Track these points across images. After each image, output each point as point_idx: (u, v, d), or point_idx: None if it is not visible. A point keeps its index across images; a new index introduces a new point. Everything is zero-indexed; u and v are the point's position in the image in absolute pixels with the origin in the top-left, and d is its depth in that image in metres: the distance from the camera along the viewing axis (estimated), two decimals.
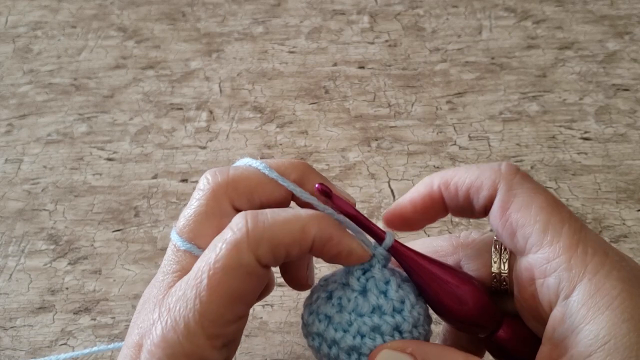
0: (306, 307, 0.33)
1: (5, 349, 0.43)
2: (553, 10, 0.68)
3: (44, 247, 0.49)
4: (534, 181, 0.31)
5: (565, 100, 0.58)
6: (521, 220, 0.30)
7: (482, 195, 0.31)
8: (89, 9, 0.71)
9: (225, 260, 0.28)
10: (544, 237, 0.29)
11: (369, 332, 0.30)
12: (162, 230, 0.49)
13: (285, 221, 0.29)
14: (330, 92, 0.60)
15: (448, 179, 0.32)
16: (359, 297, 0.31)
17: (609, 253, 0.29)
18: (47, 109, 0.60)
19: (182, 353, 0.28)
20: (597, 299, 0.27)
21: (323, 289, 0.32)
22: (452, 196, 0.32)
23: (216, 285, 0.28)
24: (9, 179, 0.54)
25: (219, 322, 0.28)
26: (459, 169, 0.33)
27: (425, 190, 0.33)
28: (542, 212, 0.29)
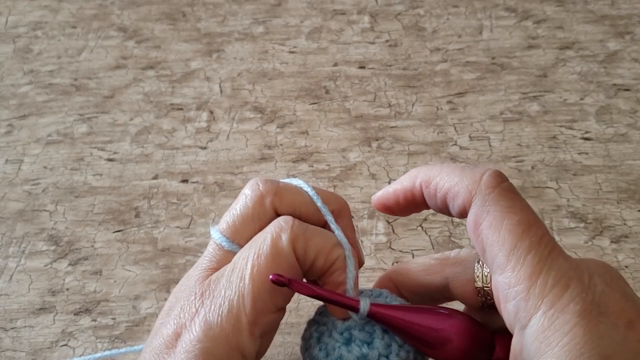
0: (302, 340, 0.33)
1: (5, 350, 0.43)
2: (554, 10, 0.68)
3: (45, 248, 0.49)
4: (513, 197, 0.30)
5: (566, 100, 0.58)
6: (490, 238, 0.29)
7: (456, 203, 0.31)
8: (89, 9, 0.71)
9: (270, 249, 0.30)
10: (507, 262, 0.28)
11: None
12: (162, 230, 0.49)
13: (323, 233, 0.31)
14: (331, 92, 0.60)
15: (430, 178, 0.32)
16: (342, 347, 0.31)
17: (572, 284, 0.27)
18: (47, 109, 0.60)
19: (222, 335, 0.29)
20: (548, 333, 0.26)
21: (315, 328, 0.33)
22: (430, 196, 0.32)
23: (262, 271, 0.29)
24: (9, 180, 0.54)
25: (260, 308, 0.29)
26: (444, 167, 0.32)
27: (408, 185, 0.33)
28: (510, 234, 0.28)
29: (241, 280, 0.29)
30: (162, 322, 0.31)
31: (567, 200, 0.50)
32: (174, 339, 0.29)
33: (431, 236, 0.48)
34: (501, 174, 0.31)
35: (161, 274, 0.46)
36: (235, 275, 0.30)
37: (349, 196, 0.51)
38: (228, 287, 0.29)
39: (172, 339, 0.29)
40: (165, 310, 0.32)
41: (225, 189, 0.52)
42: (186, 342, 0.29)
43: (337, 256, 0.31)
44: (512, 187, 0.30)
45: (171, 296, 0.33)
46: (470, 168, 0.31)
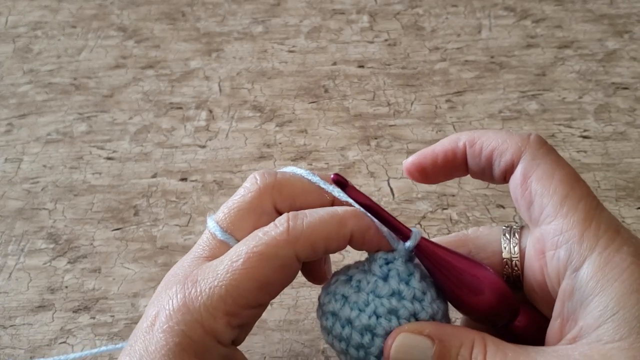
0: (323, 289, 0.33)
1: (4, 348, 0.43)
2: (552, 9, 0.68)
3: (44, 246, 0.49)
4: (558, 155, 0.32)
5: (564, 98, 0.58)
6: (540, 190, 0.30)
7: (504, 159, 0.32)
8: (88, 9, 0.71)
9: (263, 248, 0.30)
10: (560, 209, 0.29)
11: (386, 313, 0.30)
12: (161, 229, 0.49)
13: (322, 219, 0.31)
14: (330, 91, 0.60)
15: (475, 138, 0.33)
16: (379, 280, 0.31)
17: (621, 231, 0.29)
18: (47, 108, 0.60)
19: (199, 321, 0.29)
20: (606, 271, 0.28)
21: (343, 273, 0.33)
22: (475, 155, 0.33)
23: (250, 268, 0.29)
24: (8, 178, 0.54)
25: (241, 303, 0.30)
26: (487, 131, 0.33)
27: (450, 145, 0.34)
28: (561, 184, 0.30)
29: (227, 272, 0.29)
30: (149, 304, 0.32)
31: None
32: (155, 319, 0.30)
33: (430, 234, 0.48)
34: (543, 138, 0.32)
35: (160, 271, 0.46)
36: (223, 266, 0.30)
37: None
38: (214, 276, 0.30)
39: (153, 319, 0.30)
40: (155, 294, 0.32)
41: (224, 188, 0.52)
42: (162, 322, 0.29)
43: (350, 230, 0.31)
44: (554, 149, 0.32)
45: (162, 281, 0.33)
46: (515, 132, 0.33)
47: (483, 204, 0.49)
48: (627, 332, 0.26)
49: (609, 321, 0.27)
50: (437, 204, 0.50)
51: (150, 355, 0.29)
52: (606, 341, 0.27)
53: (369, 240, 0.32)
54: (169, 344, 0.29)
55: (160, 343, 0.29)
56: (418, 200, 0.50)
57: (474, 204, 0.50)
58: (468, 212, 0.49)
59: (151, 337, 0.29)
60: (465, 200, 0.50)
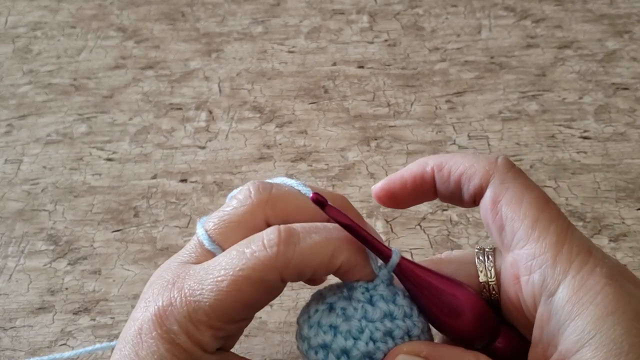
0: (304, 323, 0.32)
1: (5, 350, 0.43)
2: (552, 9, 0.68)
3: (44, 247, 0.49)
4: (527, 178, 0.32)
5: (564, 99, 0.58)
6: (511, 214, 0.30)
7: (472, 183, 0.32)
8: (88, 9, 0.71)
9: (250, 272, 0.29)
10: (531, 233, 0.29)
11: (382, 337, 0.30)
12: (161, 230, 0.49)
13: (314, 247, 0.30)
14: (330, 91, 0.60)
15: (442, 162, 0.33)
16: (366, 305, 0.30)
17: (593, 251, 0.29)
18: (46, 109, 0.60)
19: (184, 330, 0.29)
20: (580, 294, 0.27)
21: (321, 302, 0.32)
22: (443, 180, 0.33)
23: (234, 291, 0.29)
24: (8, 180, 0.54)
25: (225, 320, 0.29)
26: (455, 154, 0.33)
27: (418, 170, 0.33)
28: (531, 208, 0.30)
29: (212, 291, 0.29)
30: (136, 308, 0.31)
31: (566, 199, 0.50)
32: (142, 324, 0.30)
33: (430, 235, 0.48)
34: (511, 160, 0.32)
35: None
36: (208, 283, 0.29)
37: (348, 195, 0.51)
38: (199, 291, 0.29)
39: (140, 324, 0.30)
40: (142, 295, 0.32)
41: (224, 189, 0.52)
42: (151, 328, 0.29)
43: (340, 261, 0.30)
44: (522, 171, 0.32)
45: (149, 281, 0.33)
46: (482, 154, 0.32)
47: None
48: (604, 355, 0.26)
49: (587, 345, 0.26)
50: (437, 205, 0.50)
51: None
52: None
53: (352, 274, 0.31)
54: (160, 350, 0.29)
55: (151, 349, 0.29)
56: None
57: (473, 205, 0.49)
58: (468, 213, 0.49)
59: (140, 342, 0.29)
60: None
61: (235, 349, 0.42)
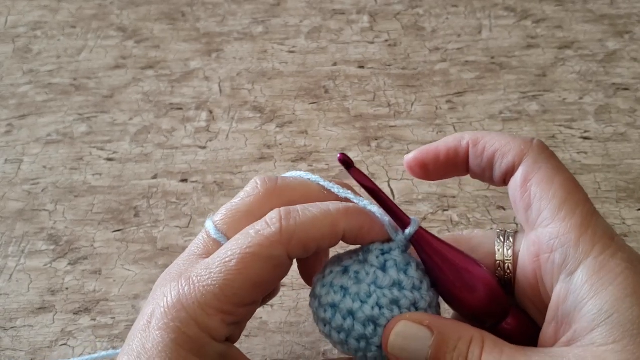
0: (318, 282, 0.33)
1: (5, 350, 0.43)
2: (553, 9, 0.68)
3: (44, 247, 0.49)
4: (559, 161, 0.32)
5: (565, 99, 0.58)
6: (539, 193, 0.31)
7: (505, 161, 0.32)
8: (88, 9, 0.71)
9: (257, 249, 0.30)
10: (557, 213, 0.30)
11: (388, 304, 0.30)
12: (162, 230, 0.49)
13: (315, 218, 0.31)
14: (330, 91, 0.60)
15: (479, 138, 0.33)
16: (378, 271, 0.31)
17: (615, 238, 0.30)
18: (46, 109, 0.60)
19: (194, 318, 0.29)
20: (601, 275, 0.28)
21: (337, 264, 0.33)
22: (477, 155, 0.33)
23: (243, 269, 0.29)
24: (9, 180, 0.54)
25: (235, 302, 0.30)
26: (492, 132, 0.34)
27: (453, 143, 0.34)
28: (561, 189, 0.30)
29: (221, 272, 0.30)
30: (146, 302, 0.32)
31: None
32: (151, 317, 0.30)
33: None
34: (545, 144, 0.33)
35: (160, 273, 0.46)
36: (217, 267, 0.30)
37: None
38: (208, 275, 0.30)
39: (150, 317, 0.30)
40: (152, 292, 0.33)
41: (225, 189, 0.52)
42: (158, 319, 0.30)
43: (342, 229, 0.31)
44: (554, 154, 0.33)
45: (159, 279, 0.33)
46: (518, 134, 0.34)
47: (484, 205, 0.49)
48: (620, 335, 0.27)
49: (603, 324, 0.27)
50: (437, 205, 0.50)
51: (147, 353, 0.29)
52: (600, 344, 0.27)
53: (362, 237, 0.32)
54: (165, 341, 0.29)
55: (156, 340, 0.29)
56: (419, 201, 0.50)
57: (474, 206, 0.50)
58: (469, 213, 0.49)
59: (148, 334, 0.30)
60: (465, 202, 0.50)
61: None
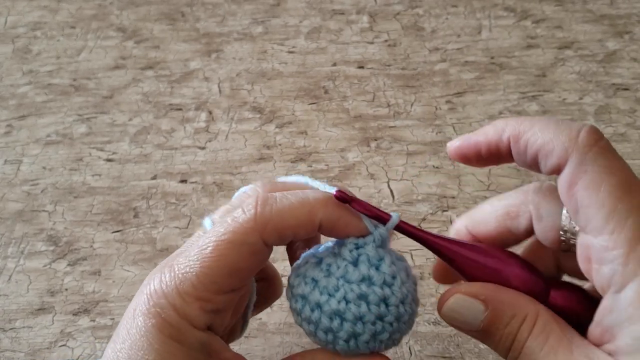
0: (294, 270, 0.33)
1: (4, 351, 0.43)
2: (553, 9, 0.68)
3: (44, 248, 0.49)
4: (611, 157, 0.28)
5: (565, 99, 0.58)
6: (587, 200, 0.28)
7: (550, 162, 0.29)
8: (88, 9, 0.71)
9: (231, 235, 0.30)
10: (606, 224, 0.27)
11: (355, 299, 0.30)
12: (161, 231, 0.49)
13: (292, 206, 0.30)
14: (330, 92, 0.60)
15: (520, 133, 0.30)
16: (349, 265, 0.31)
17: None
18: (46, 109, 0.60)
19: (172, 304, 0.30)
20: None
21: (313, 255, 0.33)
22: (520, 152, 0.31)
23: (218, 256, 0.30)
24: (8, 180, 0.54)
25: (212, 289, 0.30)
26: (535, 122, 0.30)
27: (493, 137, 0.32)
28: (610, 197, 0.28)
29: (197, 260, 0.30)
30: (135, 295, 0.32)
31: None
32: (136, 305, 0.31)
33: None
34: (598, 131, 0.29)
35: None
36: (194, 253, 0.30)
37: None
38: (186, 263, 0.30)
39: (135, 305, 0.31)
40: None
41: (224, 189, 0.52)
42: (141, 306, 0.30)
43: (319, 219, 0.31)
44: (609, 146, 0.29)
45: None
46: (566, 123, 0.29)
47: None
48: None
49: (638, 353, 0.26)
50: (437, 206, 0.50)
51: (131, 337, 0.30)
52: None
53: (338, 229, 0.31)
54: (146, 326, 0.30)
55: (139, 325, 0.30)
56: (418, 202, 0.50)
57: (474, 206, 0.49)
58: None
59: (132, 320, 0.30)
60: (465, 202, 0.50)
61: (235, 350, 0.42)
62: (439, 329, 0.42)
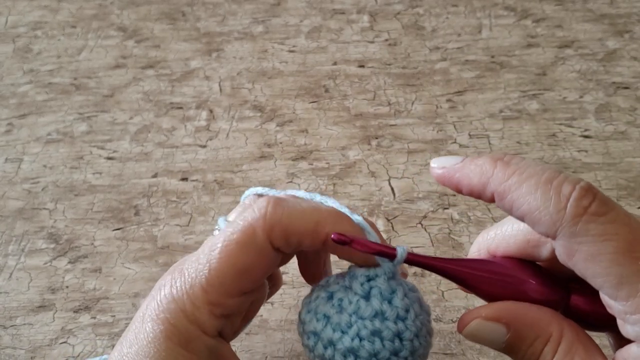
0: (304, 305, 0.32)
1: (5, 348, 0.43)
2: (553, 8, 0.68)
3: (44, 245, 0.49)
4: (604, 220, 0.26)
5: (565, 98, 0.58)
6: (590, 271, 0.27)
7: (539, 229, 0.28)
8: (88, 8, 0.71)
9: (239, 235, 0.30)
10: (618, 292, 0.26)
11: (369, 335, 0.30)
12: (162, 228, 0.49)
13: (302, 212, 0.30)
14: (330, 90, 0.60)
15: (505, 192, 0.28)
16: (361, 300, 0.30)
17: None
18: (47, 108, 0.60)
19: (183, 310, 0.30)
20: None
21: (324, 289, 0.32)
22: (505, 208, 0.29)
23: (226, 257, 0.30)
24: (9, 178, 0.54)
25: (222, 291, 0.30)
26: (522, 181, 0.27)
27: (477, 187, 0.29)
28: (612, 265, 0.26)
29: (207, 262, 0.30)
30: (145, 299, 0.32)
31: None
32: (146, 309, 0.31)
33: (431, 233, 0.48)
34: (589, 193, 0.27)
35: (161, 271, 0.46)
36: (204, 255, 0.30)
37: (349, 194, 0.51)
38: (195, 266, 0.30)
39: (145, 309, 0.31)
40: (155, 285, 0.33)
41: (225, 187, 0.52)
42: (151, 311, 0.30)
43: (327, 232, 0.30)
44: (601, 205, 0.27)
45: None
46: (555, 186, 0.27)
47: (484, 203, 0.49)
48: None
49: None
50: (438, 203, 0.50)
51: (138, 343, 0.30)
52: None
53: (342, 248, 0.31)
54: (154, 332, 0.29)
55: (147, 331, 0.30)
56: (419, 200, 0.50)
57: (475, 204, 0.49)
58: (469, 211, 0.49)
59: (141, 325, 0.30)
60: (466, 200, 0.50)
61: (236, 347, 0.42)
62: (440, 326, 0.42)
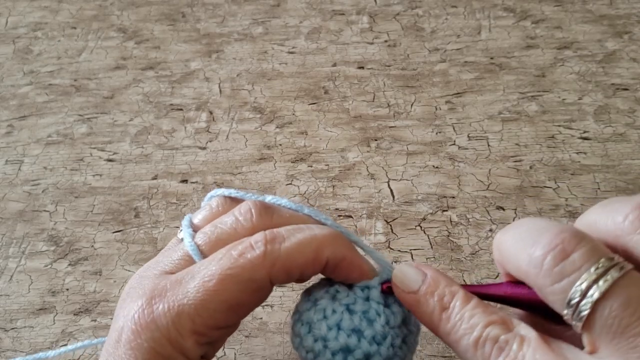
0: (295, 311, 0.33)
1: (5, 350, 0.43)
2: (552, 10, 0.68)
3: (45, 248, 0.49)
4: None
5: (564, 100, 0.58)
6: None
7: None
8: (89, 9, 0.71)
9: (238, 271, 0.29)
10: None
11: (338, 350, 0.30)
12: (162, 231, 0.49)
13: (300, 244, 0.30)
14: (330, 92, 0.60)
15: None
16: (345, 312, 0.30)
17: None
18: (47, 110, 0.60)
19: (167, 337, 0.28)
20: None
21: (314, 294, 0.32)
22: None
23: (222, 290, 0.29)
24: (9, 180, 0.54)
25: (210, 324, 0.29)
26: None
27: None
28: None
29: (198, 292, 0.29)
30: (116, 317, 0.31)
31: (566, 200, 0.50)
32: (121, 333, 0.29)
33: (430, 236, 0.48)
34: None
35: None
36: (194, 287, 0.29)
37: (348, 196, 0.51)
38: (184, 294, 0.29)
39: (119, 333, 0.29)
40: (120, 302, 0.31)
41: None
42: (130, 337, 0.29)
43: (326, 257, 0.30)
44: None
45: (127, 287, 0.32)
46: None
47: (483, 205, 0.50)
48: None
49: None
50: (437, 205, 0.50)
51: None
52: None
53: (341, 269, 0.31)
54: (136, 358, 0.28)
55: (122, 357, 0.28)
56: (418, 202, 0.50)
57: (473, 206, 0.50)
58: (468, 214, 0.49)
59: (119, 352, 0.29)
60: (465, 202, 0.50)
61: (235, 350, 0.42)
62: None
